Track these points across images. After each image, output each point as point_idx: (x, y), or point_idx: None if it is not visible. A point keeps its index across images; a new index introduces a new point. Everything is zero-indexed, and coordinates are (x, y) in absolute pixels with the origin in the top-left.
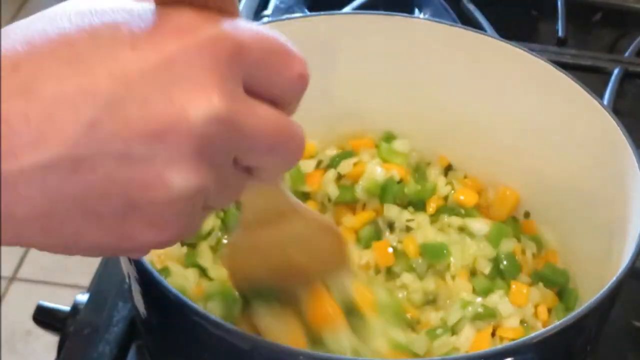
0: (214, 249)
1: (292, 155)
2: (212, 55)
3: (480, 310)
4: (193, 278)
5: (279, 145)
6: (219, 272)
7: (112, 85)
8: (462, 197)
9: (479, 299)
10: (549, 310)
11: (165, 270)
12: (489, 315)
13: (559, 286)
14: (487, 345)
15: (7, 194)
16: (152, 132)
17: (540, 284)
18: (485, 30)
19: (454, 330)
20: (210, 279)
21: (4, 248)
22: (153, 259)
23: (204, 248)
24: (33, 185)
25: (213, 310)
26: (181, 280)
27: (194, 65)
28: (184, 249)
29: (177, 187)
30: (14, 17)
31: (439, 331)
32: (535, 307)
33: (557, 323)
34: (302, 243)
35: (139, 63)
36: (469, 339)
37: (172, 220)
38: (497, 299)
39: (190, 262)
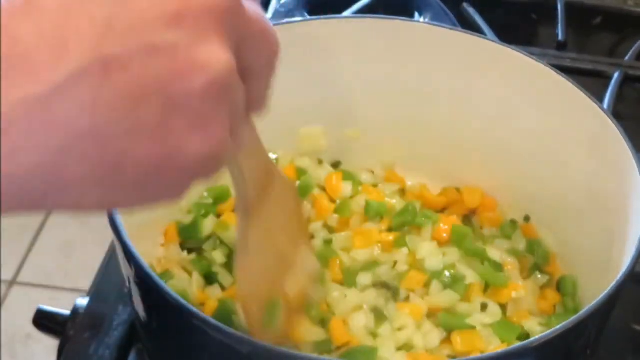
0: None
1: (275, 45)
2: None
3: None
4: (197, 283)
5: (267, 33)
6: (230, 279)
7: None
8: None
9: None
10: (554, 307)
11: (166, 274)
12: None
13: (540, 259)
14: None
15: (40, 120)
16: (169, 16)
17: (537, 274)
18: (485, 34)
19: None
20: (220, 284)
21: (4, 252)
22: (153, 263)
23: (215, 254)
24: (67, 102)
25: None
26: (183, 285)
27: None
28: (185, 253)
29: (209, 66)
30: None
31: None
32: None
33: (557, 327)
34: (286, 211)
35: None
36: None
37: (213, 116)
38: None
39: (199, 268)
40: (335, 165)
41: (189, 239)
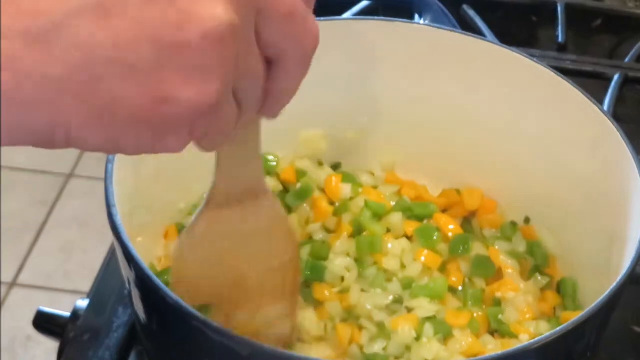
0: None
1: (307, 38)
2: None
3: None
4: None
5: (296, 18)
6: None
7: None
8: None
9: None
10: (554, 309)
11: (166, 273)
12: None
13: (541, 261)
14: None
15: (39, 52)
16: None
17: (537, 276)
18: (486, 36)
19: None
20: None
21: (4, 253)
22: (154, 262)
23: None
24: (64, 37)
25: None
26: None
27: None
28: None
29: (205, 19)
30: None
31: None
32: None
33: (557, 329)
34: (259, 238)
35: None
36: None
37: (209, 67)
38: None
39: None
40: (335, 166)
41: None
